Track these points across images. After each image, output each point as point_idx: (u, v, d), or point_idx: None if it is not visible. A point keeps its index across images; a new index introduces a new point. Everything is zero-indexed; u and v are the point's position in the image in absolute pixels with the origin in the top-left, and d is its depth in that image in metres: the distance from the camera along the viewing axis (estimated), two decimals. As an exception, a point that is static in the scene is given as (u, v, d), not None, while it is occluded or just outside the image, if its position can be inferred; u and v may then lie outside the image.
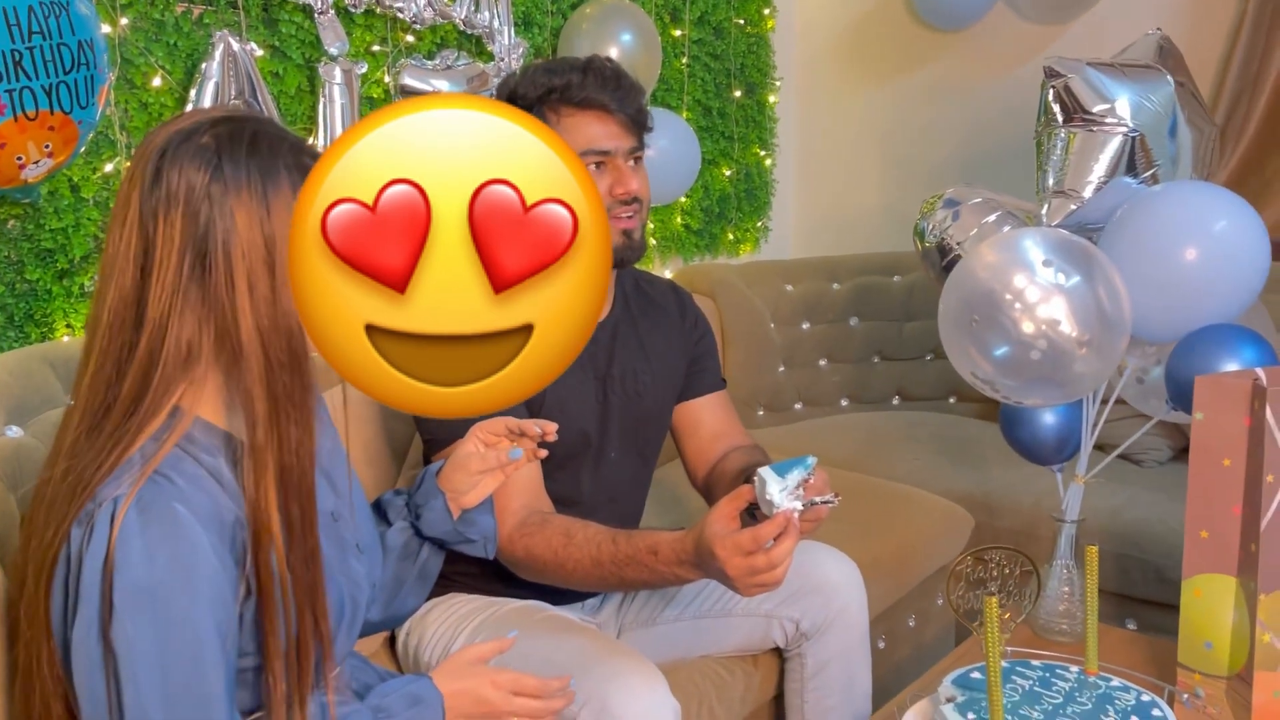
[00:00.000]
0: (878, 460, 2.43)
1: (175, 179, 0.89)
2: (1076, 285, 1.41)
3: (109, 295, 0.91)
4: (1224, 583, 1.31)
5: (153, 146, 0.92)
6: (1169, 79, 1.58)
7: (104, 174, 1.61)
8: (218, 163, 0.90)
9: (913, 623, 2.04)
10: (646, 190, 1.45)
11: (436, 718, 1.05)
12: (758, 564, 1.17)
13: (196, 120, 0.93)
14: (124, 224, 0.91)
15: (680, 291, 1.68)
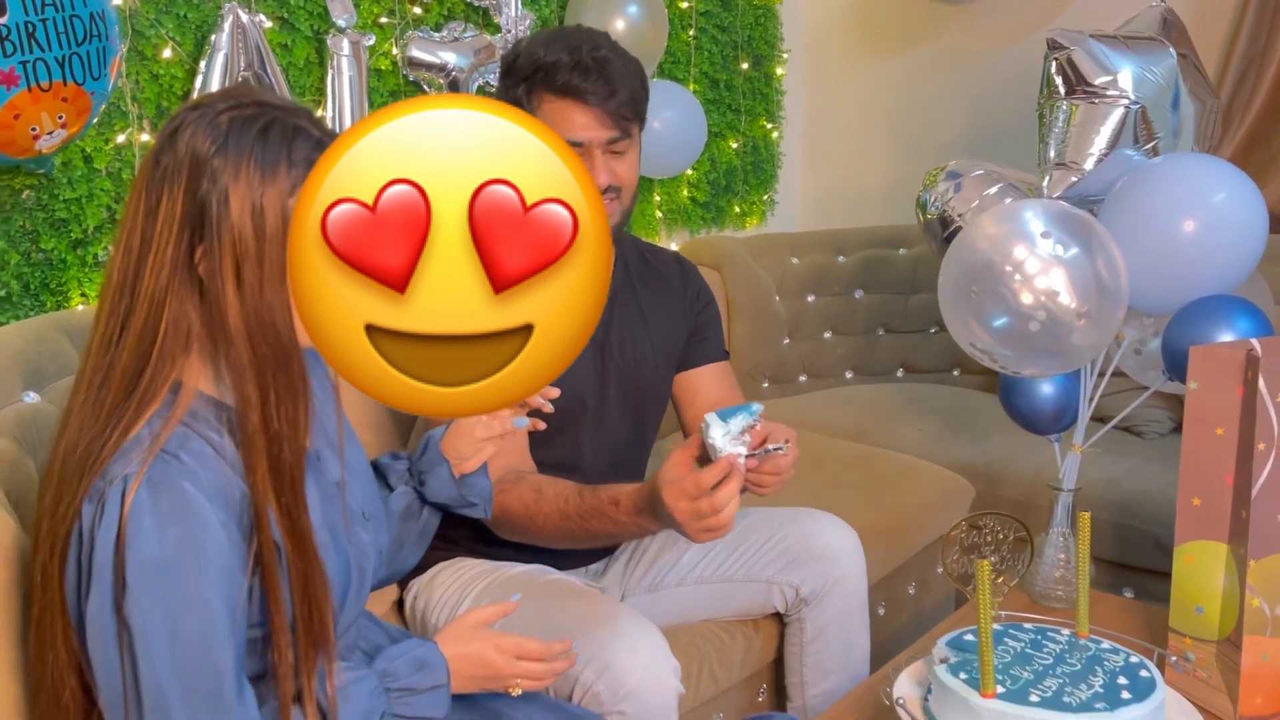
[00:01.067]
0: (881, 431, 2.45)
1: (182, 151, 0.90)
2: (1075, 257, 1.43)
3: (116, 261, 0.92)
4: (1215, 549, 1.33)
5: (174, 120, 0.93)
6: (1171, 51, 1.58)
7: (116, 145, 1.64)
8: (224, 142, 0.90)
9: (913, 590, 2.07)
10: (629, 177, 1.45)
11: (441, 681, 1.07)
12: (702, 508, 1.19)
13: (224, 99, 0.93)
14: (136, 191, 0.92)
15: (685, 263, 1.70)
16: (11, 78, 1.32)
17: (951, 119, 3.00)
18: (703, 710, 1.56)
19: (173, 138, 0.91)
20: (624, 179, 1.46)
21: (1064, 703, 1.09)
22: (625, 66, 1.43)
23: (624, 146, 1.45)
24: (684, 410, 1.65)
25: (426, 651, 1.08)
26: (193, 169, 0.89)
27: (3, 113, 1.33)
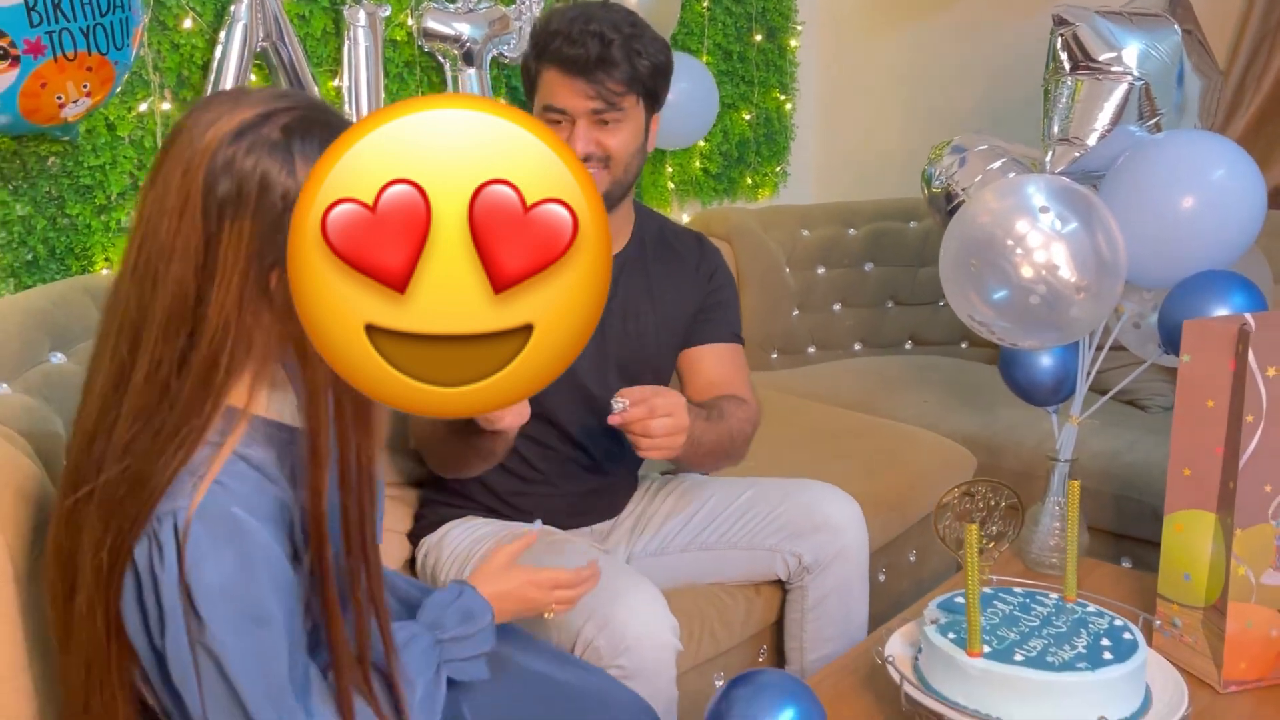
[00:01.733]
0: (886, 402, 2.49)
1: (246, 176, 0.87)
2: (1075, 231, 1.45)
3: (163, 292, 0.88)
4: (1203, 518, 1.36)
5: (215, 135, 0.88)
6: (1176, 28, 1.60)
7: (138, 113, 1.68)
8: (290, 160, 0.88)
9: (913, 558, 2.11)
10: (619, 149, 1.49)
11: (486, 623, 1.11)
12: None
13: (259, 110, 0.89)
14: (180, 216, 0.87)
15: (705, 244, 1.72)
16: (38, 47, 1.36)
17: (965, 91, 3.01)
18: (704, 669, 1.61)
19: (229, 167, 0.87)
20: (612, 149, 1.49)
21: (1047, 662, 1.13)
22: (632, 44, 1.46)
23: (614, 118, 1.48)
24: (685, 386, 1.69)
25: (470, 600, 1.12)
26: (262, 193, 0.87)
27: (30, 81, 1.37)
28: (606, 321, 1.59)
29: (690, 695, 1.49)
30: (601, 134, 1.49)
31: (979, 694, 1.12)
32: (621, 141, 1.50)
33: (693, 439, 1.43)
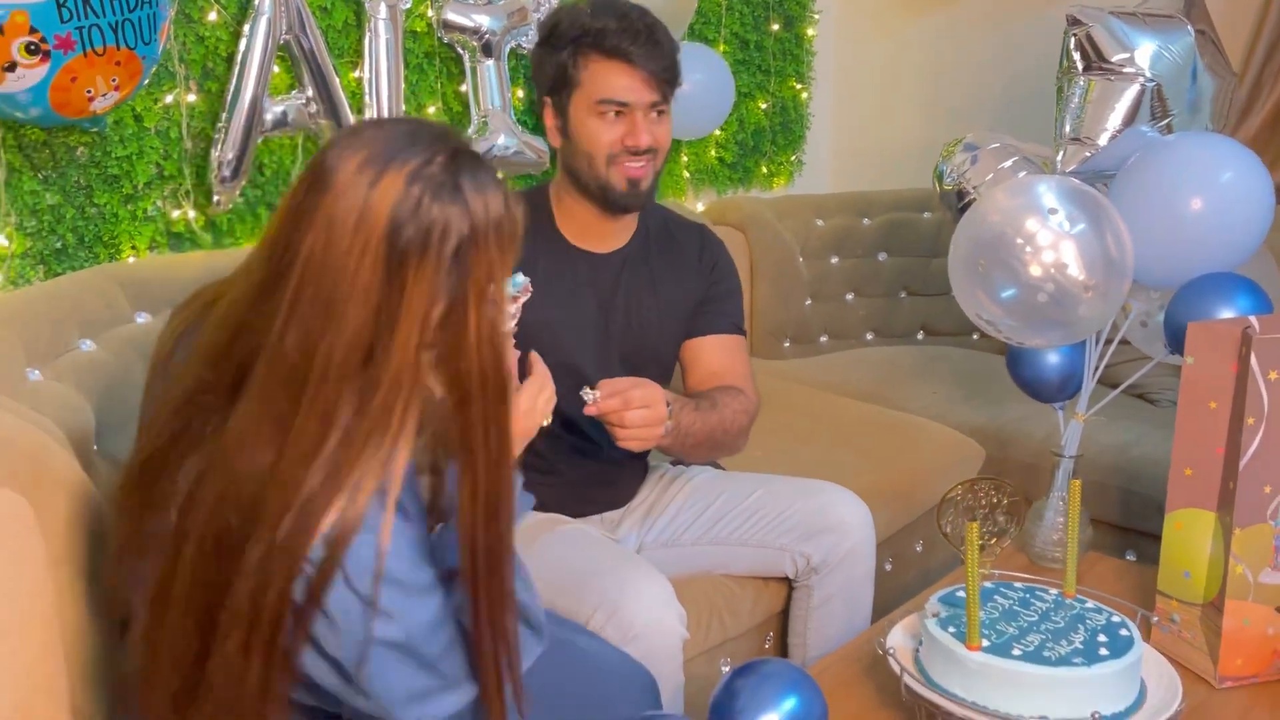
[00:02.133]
0: (896, 393, 2.51)
1: (433, 225, 0.89)
2: (1084, 232, 1.47)
3: (336, 337, 0.89)
4: (1204, 517, 1.39)
5: (392, 182, 0.90)
6: (1189, 29, 1.61)
7: (164, 105, 1.71)
8: (466, 203, 0.91)
9: (920, 548, 2.14)
10: (665, 140, 1.53)
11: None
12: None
13: (423, 154, 0.91)
14: (361, 260, 0.89)
15: (708, 236, 1.74)
16: (69, 42, 1.39)
17: (981, 83, 3.01)
18: (711, 654, 1.65)
19: (415, 214, 0.89)
20: (661, 142, 1.54)
21: (1044, 657, 1.16)
22: (667, 35, 1.50)
23: (663, 109, 1.53)
24: (686, 376, 1.71)
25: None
26: (443, 238, 0.90)
27: (60, 75, 1.41)
28: (610, 314, 1.62)
29: (697, 680, 1.53)
30: (654, 126, 1.52)
31: (977, 687, 1.16)
32: (667, 132, 1.56)
33: (680, 429, 1.45)
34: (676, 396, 1.51)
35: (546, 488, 1.62)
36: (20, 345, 1.36)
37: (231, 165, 1.75)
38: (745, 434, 1.64)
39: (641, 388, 1.40)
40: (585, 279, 1.62)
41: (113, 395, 1.43)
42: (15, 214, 1.59)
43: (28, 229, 1.61)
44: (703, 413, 1.53)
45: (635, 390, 1.38)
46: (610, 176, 1.53)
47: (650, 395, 1.39)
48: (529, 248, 1.59)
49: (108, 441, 1.38)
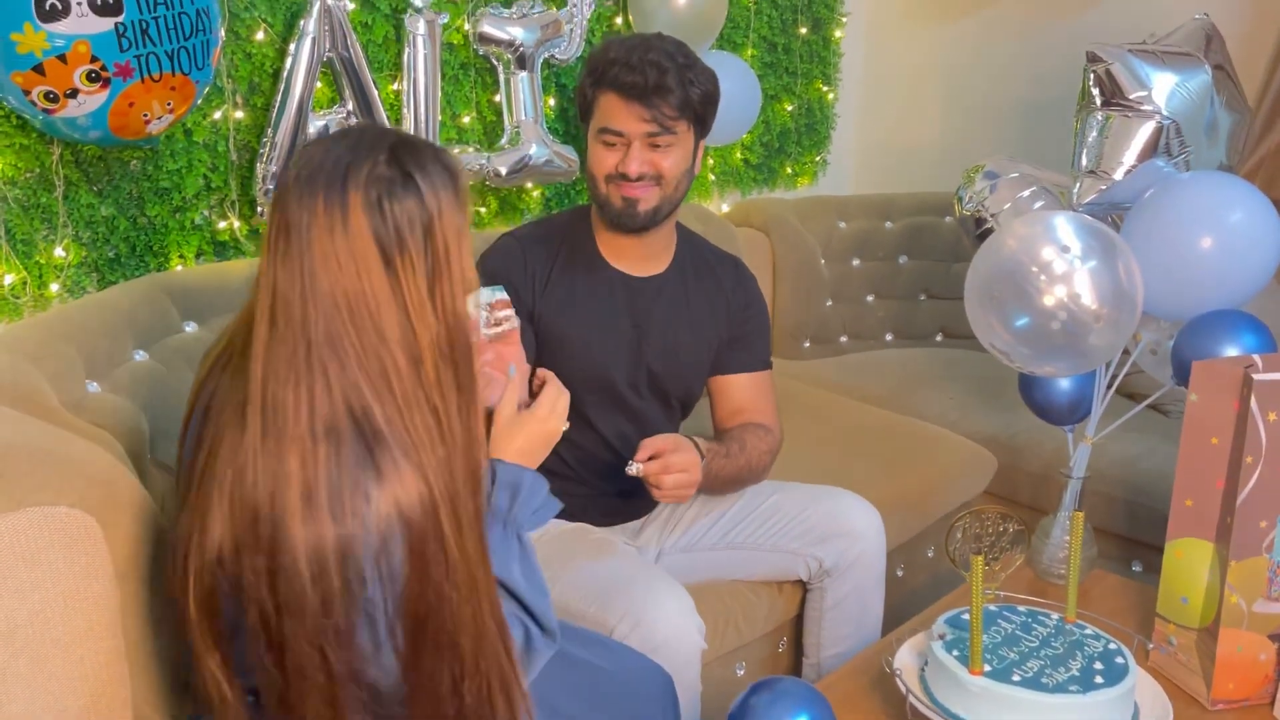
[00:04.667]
0: (912, 398, 2.57)
1: (399, 216, 1.00)
2: (1096, 267, 1.52)
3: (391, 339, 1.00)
4: (1202, 547, 1.45)
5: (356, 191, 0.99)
6: (1206, 67, 1.65)
7: (213, 120, 1.78)
8: (419, 192, 1.01)
9: (931, 554, 2.21)
10: (670, 169, 1.60)
11: (530, 480, 1.19)
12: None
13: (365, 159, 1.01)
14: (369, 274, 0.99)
15: (741, 269, 1.81)
16: (127, 70, 1.46)
17: (1007, 86, 3.04)
18: (727, 659, 1.73)
19: (384, 217, 1.00)
20: (663, 169, 1.60)
21: (1042, 683, 1.23)
22: (685, 73, 1.55)
23: (666, 141, 1.59)
24: (714, 409, 1.80)
25: (507, 473, 1.18)
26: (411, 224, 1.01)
27: (119, 101, 1.48)
28: (644, 335, 1.69)
29: (713, 683, 1.61)
30: (654, 155, 1.59)
31: (979, 710, 1.23)
32: (673, 162, 1.60)
33: (711, 475, 1.57)
34: (710, 445, 1.61)
35: (578, 498, 1.70)
36: (80, 360, 1.44)
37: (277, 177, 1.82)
38: (768, 470, 1.75)
39: (681, 452, 1.49)
40: (621, 299, 1.69)
41: (165, 404, 1.51)
42: (73, 226, 1.67)
43: (84, 240, 1.69)
44: (732, 458, 1.64)
45: (675, 456, 1.49)
46: (609, 195, 1.62)
47: (688, 460, 1.50)
48: (569, 264, 1.68)
49: (160, 450, 1.47)
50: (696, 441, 1.58)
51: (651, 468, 1.48)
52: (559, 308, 1.65)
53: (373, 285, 0.99)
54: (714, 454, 1.60)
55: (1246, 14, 2.47)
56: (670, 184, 1.61)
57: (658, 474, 1.48)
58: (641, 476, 1.49)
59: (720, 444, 1.65)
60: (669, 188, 1.62)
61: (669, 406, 1.77)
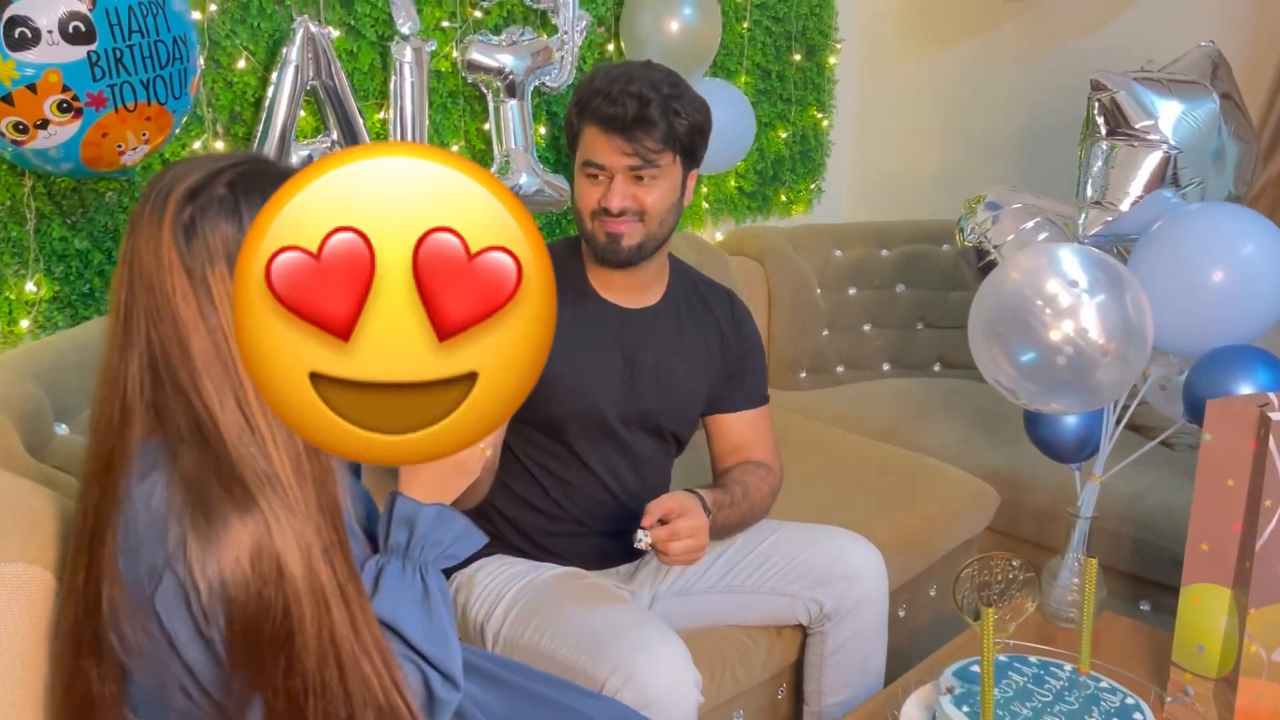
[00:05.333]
0: (912, 430, 2.52)
1: (209, 235, 0.92)
2: (1104, 302, 1.48)
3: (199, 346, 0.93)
4: (1219, 593, 1.39)
5: (173, 202, 0.93)
6: (1214, 96, 1.61)
7: (192, 150, 1.73)
8: (240, 219, 0.93)
9: (933, 592, 2.15)
10: (654, 204, 1.54)
11: (438, 517, 1.08)
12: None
13: (208, 169, 0.95)
14: (180, 300, 0.92)
15: (735, 301, 1.76)
16: (100, 100, 1.41)
17: (1003, 114, 3.01)
18: (724, 708, 1.66)
19: (190, 229, 0.92)
20: (646, 204, 1.54)
21: (1057, 742, 1.17)
22: (670, 103, 1.50)
23: (650, 174, 1.53)
24: (712, 443, 1.75)
25: (401, 508, 1.08)
26: (227, 250, 0.92)
27: (92, 132, 1.42)
28: (638, 370, 1.63)
29: (710, 734, 1.55)
30: (637, 189, 1.53)
31: (990, 770, 1.17)
32: (657, 197, 1.55)
33: (715, 527, 1.52)
34: (714, 495, 1.56)
35: (568, 540, 1.64)
36: (48, 401, 1.38)
37: (257, 209, 1.77)
38: (769, 510, 1.70)
39: (688, 517, 1.45)
40: (612, 331, 1.64)
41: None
42: (44, 260, 1.61)
43: (56, 274, 1.63)
44: (736, 506, 1.60)
45: (683, 522, 1.44)
46: (593, 230, 1.57)
47: (696, 525, 1.45)
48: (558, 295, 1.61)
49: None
50: (702, 496, 1.52)
51: (659, 534, 1.43)
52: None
53: (176, 304, 0.92)
54: (719, 506, 1.55)
55: (1246, 40, 2.44)
56: (654, 219, 1.56)
57: (665, 541, 1.43)
58: (650, 548, 1.45)
59: (724, 492, 1.59)
60: (653, 224, 1.56)
61: (663, 441, 1.71)
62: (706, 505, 1.51)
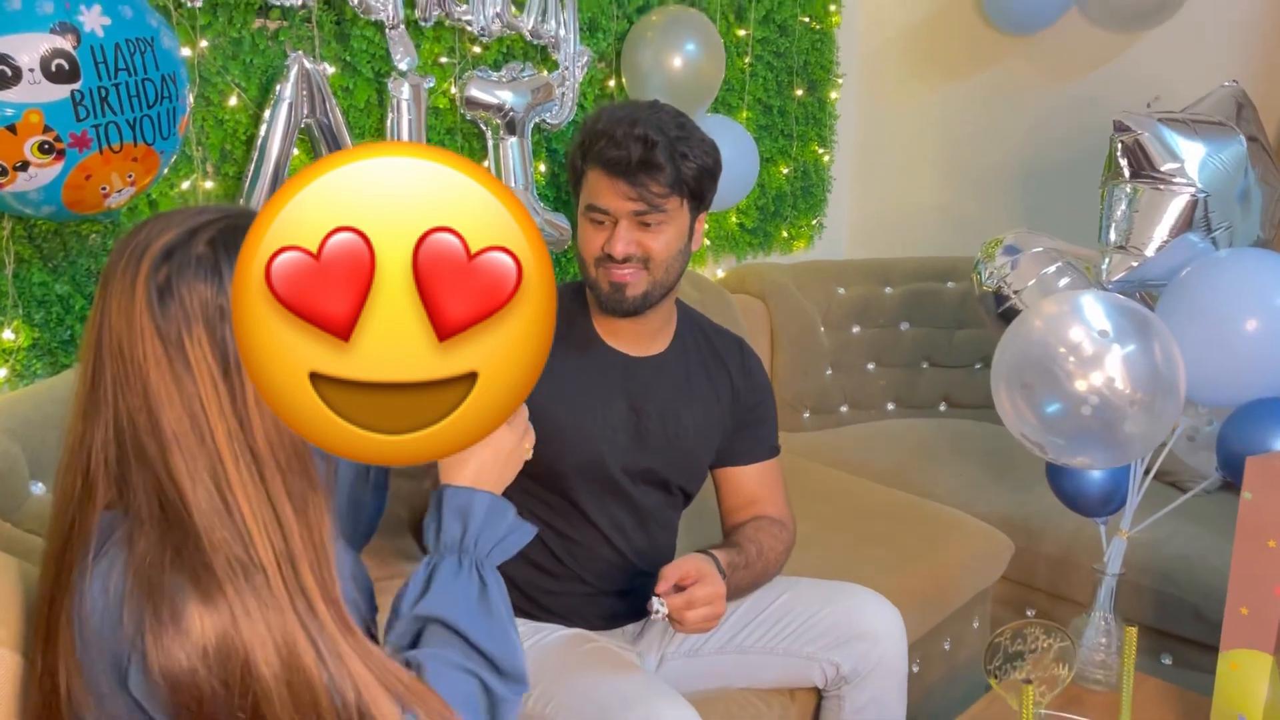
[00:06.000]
0: (921, 474, 2.45)
1: (186, 297, 0.86)
2: (1133, 352, 1.42)
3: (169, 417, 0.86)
4: (1260, 659, 1.33)
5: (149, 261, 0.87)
6: (1241, 138, 1.56)
7: (181, 190, 1.66)
8: (221, 279, 0.87)
9: (948, 646, 2.08)
10: (659, 250, 1.47)
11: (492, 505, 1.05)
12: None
13: (186, 226, 0.89)
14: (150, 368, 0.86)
15: (746, 350, 1.70)
16: (84, 140, 1.34)
17: (1005, 151, 2.97)
18: (736, 776, 1.58)
19: (165, 291, 0.86)
20: (652, 251, 1.48)
21: (1102, 829, 1.09)
22: (677, 146, 1.44)
23: (656, 219, 1.47)
24: (722, 496, 1.68)
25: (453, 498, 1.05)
26: (204, 314, 0.86)
27: (74, 174, 1.35)
28: (645, 421, 1.57)
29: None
30: (643, 235, 1.47)
31: None
32: (663, 243, 1.48)
33: (729, 588, 1.44)
34: (729, 557, 1.49)
35: (572, 599, 1.57)
36: (24, 458, 1.31)
37: (247, 251, 1.70)
38: (783, 567, 1.63)
39: (705, 584, 1.37)
40: (618, 380, 1.57)
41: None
42: (23, 306, 1.54)
43: (35, 321, 1.55)
44: (751, 567, 1.53)
45: (700, 589, 1.37)
46: (597, 278, 1.51)
47: (713, 593, 1.38)
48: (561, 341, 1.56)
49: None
50: (717, 559, 1.44)
51: (674, 602, 1.36)
52: (550, 388, 1.51)
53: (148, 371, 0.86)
54: (734, 567, 1.47)
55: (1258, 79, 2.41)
56: (660, 267, 1.49)
57: (680, 609, 1.36)
58: (664, 619, 1.37)
59: (739, 552, 1.51)
60: (658, 271, 1.50)
61: (670, 495, 1.64)
62: (721, 568, 1.43)
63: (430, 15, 1.86)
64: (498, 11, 1.95)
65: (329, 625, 0.88)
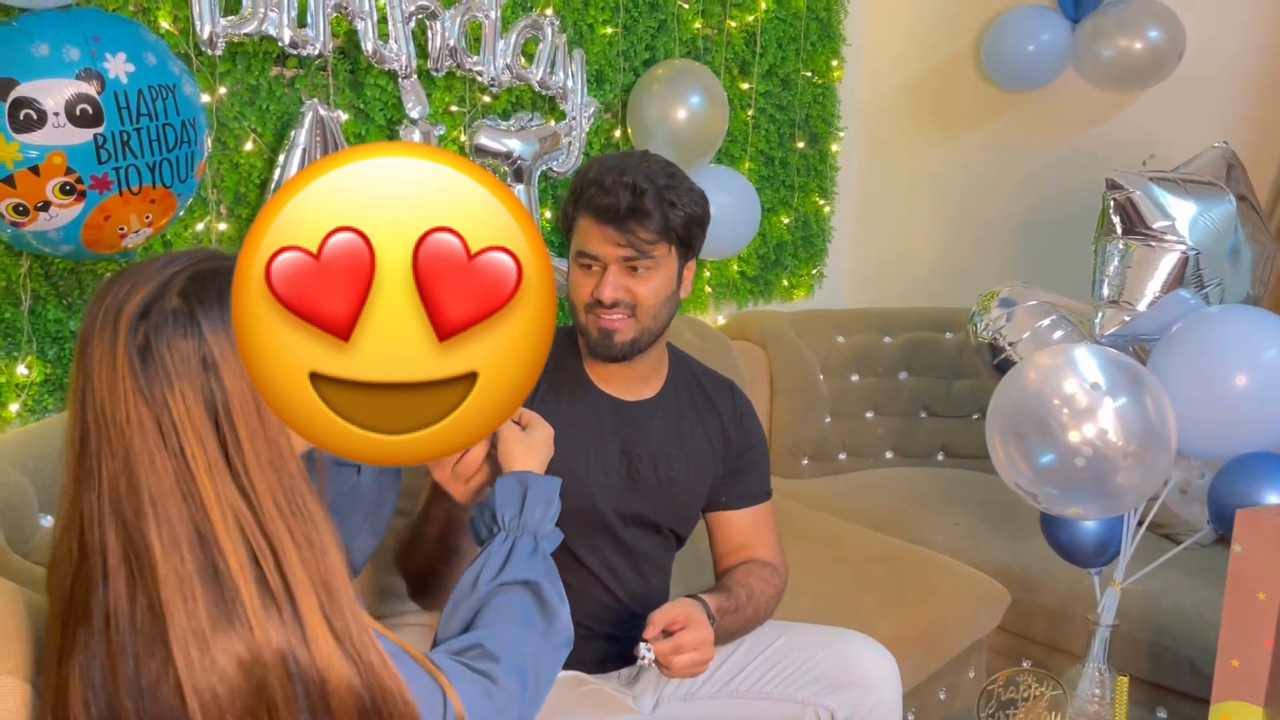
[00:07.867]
0: (917, 523, 2.46)
1: (167, 355, 0.86)
2: (1125, 405, 1.44)
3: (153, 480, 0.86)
4: (1251, 711, 1.34)
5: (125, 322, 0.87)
6: (1230, 197, 1.60)
7: (195, 231, 1.70)
8: (199, 329, 0.87)
9: (943, 695, 2.08)
10: (648, 297, 1.50)
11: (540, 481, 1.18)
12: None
13: (158, 280, 0.89)
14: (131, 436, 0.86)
15: (737, 394, 1.72)
16: (104, 182, 1.38)
17: (1003, 205, 3.02)
18: (730, 822, 1.58)
19: (144, 350, 0.86)
20: (640, 297, 1.50)
21: None
22: (666, 194, 1.47)
23: (645, 265, 1.49)
24: (714, 541, 1.69)
25: (540, 487, 1.18)
26: (190, 376, 0.86)
27: (94, 214, 1.39)
28: (637, 465, 1.59)
29: None
30: (631, 281, 1.50)
31: None
32: (651, 289, 1.51)
33: (719, 633, 1.45)
34: (719, 601, 1.49)
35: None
36: (34, 491, 1.33)
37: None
38: (774, 612, 1.64)
39: (693, 630, 1.38)
40: (610, 424, 1.59)
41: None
42: (37, 341, 1.57)
43: (48, 356, 1.58)
44: (741, 611, 1.53)
45: (687, 635, 1.38)
46: (587, 324, 1.53)
47: (700, 639, 1.39)
48: (554, 385, 1.59)
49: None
50: (706, 604, 1.46)
51: (662, 648, 1.37)
52: None
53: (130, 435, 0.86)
54: (723, 612, 1.48)
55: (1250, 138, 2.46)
56: (648, 313, 1.52)
57: (667, 655, 1.37)
58: (652, 663, 1.38)
59: (728, 597, 1.53)
60: (645, 317, 1.52)
61: (662, 538, 1.66)
62: (710, 612, 1.44)
63: (442, 66, 1.92)
64: (508, 63, 2.01)
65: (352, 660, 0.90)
